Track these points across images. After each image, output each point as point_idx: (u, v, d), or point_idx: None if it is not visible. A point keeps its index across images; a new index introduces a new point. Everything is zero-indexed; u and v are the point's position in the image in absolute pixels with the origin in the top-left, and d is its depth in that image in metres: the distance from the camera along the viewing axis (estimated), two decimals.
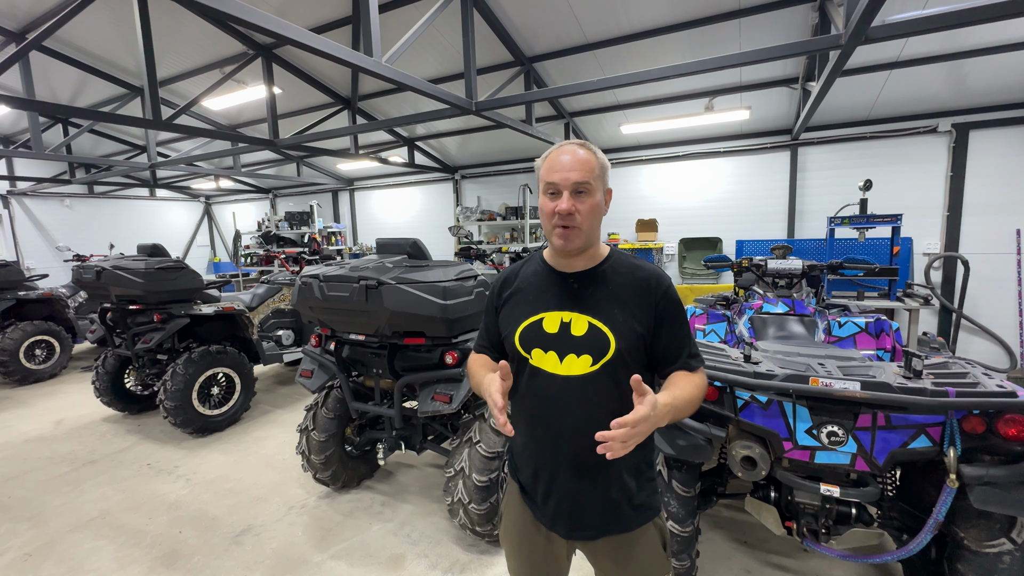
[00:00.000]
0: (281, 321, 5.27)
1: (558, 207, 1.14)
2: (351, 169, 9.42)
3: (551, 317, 1.20)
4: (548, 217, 1.17)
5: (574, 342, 1.17)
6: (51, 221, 9.59)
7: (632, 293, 1.19)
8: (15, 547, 2.76)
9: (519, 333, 1.23)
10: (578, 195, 1.15)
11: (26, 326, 5.77)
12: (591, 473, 1.20)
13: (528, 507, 1.31)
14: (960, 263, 5.19)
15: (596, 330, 1.16)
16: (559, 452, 1.21)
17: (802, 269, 2.90)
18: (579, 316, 1.18)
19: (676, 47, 4.63)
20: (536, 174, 1.23)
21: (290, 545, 2.71)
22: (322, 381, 3.01)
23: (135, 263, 3.97)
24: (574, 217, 1.14)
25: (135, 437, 4.22)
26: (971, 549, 1.63)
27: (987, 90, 4.81)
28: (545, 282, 1.26)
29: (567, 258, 1.23)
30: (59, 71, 5.90)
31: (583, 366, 1.16)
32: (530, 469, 1.27)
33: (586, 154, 1.16)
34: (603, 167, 1.19)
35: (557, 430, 1.20)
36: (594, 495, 1.21)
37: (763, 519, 1.99)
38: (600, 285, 1.21)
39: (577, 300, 1.20)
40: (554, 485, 1.23)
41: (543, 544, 1.30)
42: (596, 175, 1.16)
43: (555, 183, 1.14)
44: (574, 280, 1.23)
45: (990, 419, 1.50)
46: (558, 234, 1.16)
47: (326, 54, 2.81)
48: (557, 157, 1.16)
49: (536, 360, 1.21)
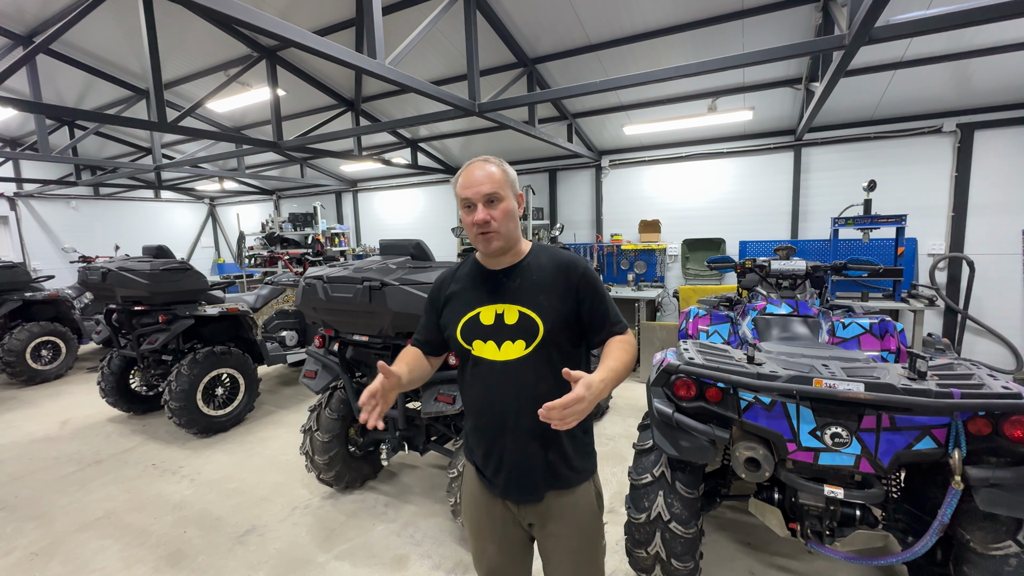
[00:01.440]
0: (285, 322, 5.29)
1: (475, 218, 1.30)
2: (354, 170, 9.45)
3: (486, 311, 1.36)
4: (469, 227, 1.33)
5: (508, 330, 1.33)
6: (57, 223, 9.66)
7: (553, 279, 1.35)
8: (21, 546, 2.78)
9: (460, 328, 1.38)
10: (491, 204, 1.30)
11: (32, 327, 5.81)
12: (533, 441, 1.35)
13: (482, 483, 1.45)
14: (965, 264, 5.16)
15: (526, 317, 1.32)
16: (505, 428, 1.36)
17: (806, 270, 2.88)
18: (510, 307, 1.34)
19: (679, 48, 4.63)
20: (453, 191, 1.39)
21: (294, 545, 2.72)
22: (326, 382, 3.02)
23: (140, 264, 4.00)
24: (490, 224, 1.30)
25: (140, 437, 4.25)
26: (977, 551, 1.62)
27: (992, 90, 4.79)
28: (478, 280, 1.42)
29: (494, 257, 1.39)
30: (65, 74, 5.94)
31: (518, 350, 1.33)
32: (482, 449, 1.42)
33: (494, 167, 1.32)
34: (511, 177, 1.36)
35: (502, 409, 1.36)
36: (537, 460, 1.36)
37: (767, 521, 1.98)
38: (525, 277, 1.37)
39: (507, 293, 1.36)
40: (503, 458, 1.37)
41: (500, 513, 1.44)
42: (504, 183, 1.32)
43: (469, 198, 1.30)
44: (502, 275, 1.39)
45: (996, 421, 1.49)
46: (480, 240, 1.33)
47: (330, 56, 2.82)
48: (469, 175, 1.32)
49: (478, 350, 1.36)
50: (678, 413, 1.82)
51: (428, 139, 7.73)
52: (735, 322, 2.86)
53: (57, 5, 4.72)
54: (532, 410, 1.26)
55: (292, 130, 6.30)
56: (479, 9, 4.14)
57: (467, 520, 1.54)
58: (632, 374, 5.85)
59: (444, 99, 3.73)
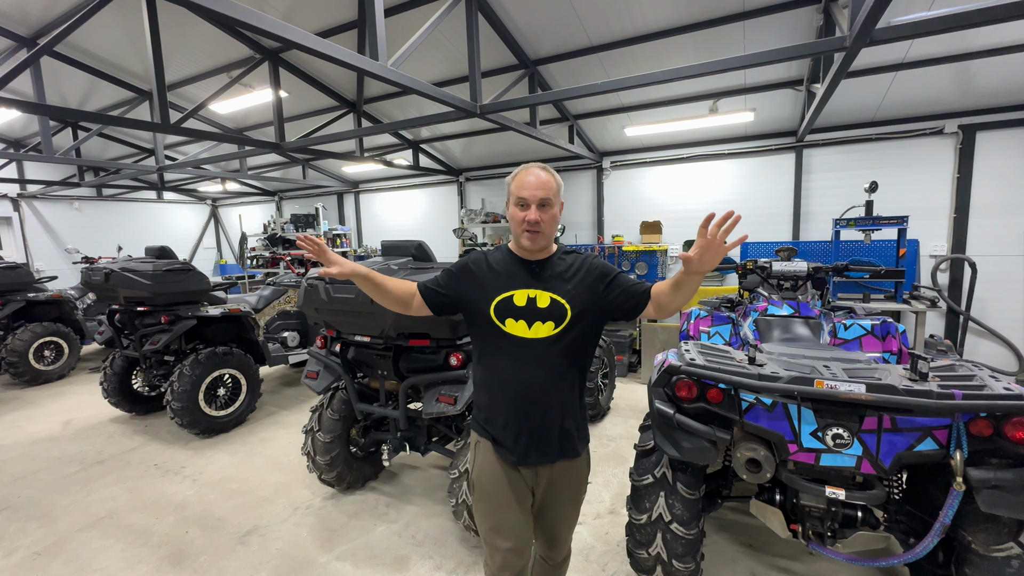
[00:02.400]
0: (287, 323, 5.30)
1: (528, 216, 1.49)
2: (356, 172, 9.47)
3: (520, 294, 1.53)
4: (518, 223, 1.52)
5: (540, 312, 1.51)
6: (60, 224, 9.69)
7: (576, 272, 1.56)
8: (24, 546, 2.79)
9: (494, 306, 1.53)
10: (542, 208, 1.50)
11: (35, 327, 5.83)
12: (554, 411, 1.53)
13: (499, 454, 1.57)
14: (967, 265, 5.15)
15: (556, 303, 1.51)
16: (530, 398, 1.51)
17: (807, 271, 2.88)
18: (543, 293, 1.52)
19: (680, 49, 4.63)
20: (507, 188, 1.56)
21: (295, 546, 2.72)
22: (327, 382, 3.02)
23: (143, 265, 4.01)
24: (539, 224, 1.50)
25: (142, 438, 4.26)
26: (979, 553, 1.62)
27: (994, 91, 4.78)
28: (513, 266, 1.59)
29: (532, 253, 1.58)
30: (69, 76, 5.97)
31: (548, 330, 1.50)
32: (502, 418, 1.55)
33: (548, 176, 1.52)
34: (560, 186, 1.55)
35: (527, 382, 1.51)
36: (555, 426, 1.54)
37: (768, 522, 1.98)
38: (556, 269, 1.57)
39: (539, 280, 1.54)
40: (525, 425, 1.52)
41: (517, 480, 1.57)
42: (555, 192, 1.52)
43: (525, 198, 1.49)
44: (535, 265, 1.57)
45: (997, 422, 1.49)
46: (527, 236, 1.52)
47: (332, 58, 2.83)
48: (526, 177, 1.50)
49: (509, 328, 1.52)
50: (679, 414, 1.82)
51: (430, 140, 7.74)
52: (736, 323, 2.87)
53: (61, 7, 4.74)
54: (556, 384, 1.52)
55: (294, 131, 6.32)
56: (481, 11, 4.15)
57: (485, 496, 1.60)
58: (633, 375, 5.85)
59: (446, 100, 3.74)
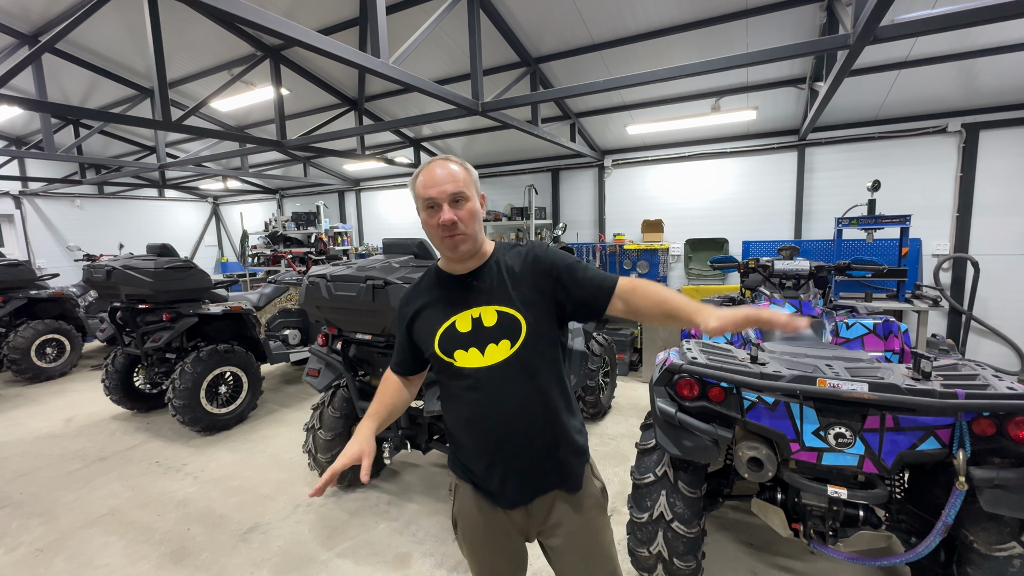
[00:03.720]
0: (288, 320, 5.30)
1: (441, 219, 1.22)
2: (357, 170, 9.46)
3: (461, 318, 1.28)
4: (434, 230, 1.25)
5: (490, 332, 1.26)
6: (62, 221, 9.70)
7: (523, 271, 1.30)
8: (27, 543, 2.80)
9: (437, 341, 1.30)
10: (456, 204, 1.23)
11: (37, 325, 5.84)
12: (539, 440, 1.29)
13: (485, 499, 1.35)
14: (970, 264, 5.14)
15: (506, 315, 1.26)
16: (509, 434, 1.27)
17: (809, 270, 2.88)
18: (486, 308, 1.27)
19: (682, 47, 4.62)
20: (412, 192, 1.30)
21: (297, 543, 2.73)
22: (328, 380, 3.03)
23: (144, 263, 4.01)
24: (457, 225, 1.23)
25: (144, 435, 4.27)
26: (981, 552, 1.62)
27: (998, 90, 4.76)
28: (446, 288, 1.34)
29: (462, 262, 1.32)
30: (71, 73, 5.96)
31: (504, 351, 1.25)
32: (483, 462, 1.32)
33: (457, 167, 1.25)
34: (473, 176, 1.30)
35: (501, 416, 1.26)
36: (546, 458, 1.30)
37: (770, 521, 1.98)
38: (495, 275, 1.30)
39: (480, 295, 1.29)
40: (512, 464, 1.30)
41: (503, 526, 1.36)
42: (468, 182, 1.26)
43: (433, 197, 1.22)
44: (470, 278, 1.31)
45: (1000, 421, 1.49)
46: (447, 244, 1.26)
47: (334, 55, 2.83)
48: (431, 173, 1.24)
49: (460, 361, 1.27)
50: (681, 413, 1.82)
51: (431, 138, 7.73)
52: None
53: (62, 4, 4.74)
54: (533, 410, 1.26)
55: (296, 129, 6.31)
56: (482, 8, 4.14)
57: (468, 542, 1.43)
58: (634, 373, 5.84)
59: (447, 98, 3.73)
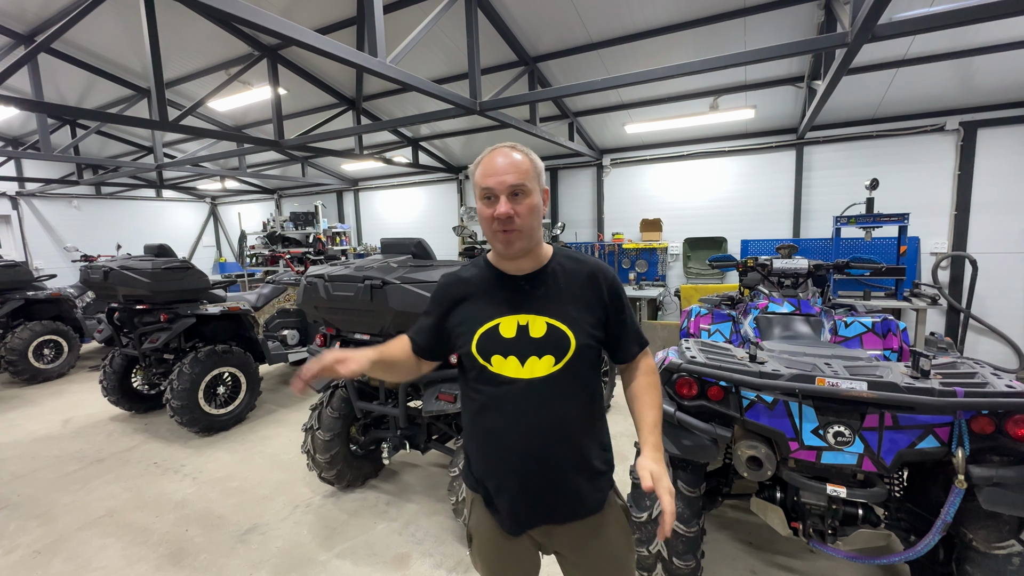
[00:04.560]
0: (286, 321, 5.29)
1: (496, 211, 1.12)
2: (356, 169, 9.45)
3: (507, 322, 1.19)
4: (488, 222, 1.15)
5: (535, 344, 1.17)
6: (59, 222, 9.68)
7: (582, 288, 1.21)
8: (24, 544, 2.79)
9: (476, 341, 1.20)
10: (515, 197, 1.13)
11: (35, 326, 5.82)
12: (560, 465, 1.20)
13: (495, 518, 1.27)
14: (968, 262, 5.15)
15: (555, 330, 1.17)
16: (528, 454, 1.19)
17: (808, 269, 2.87)
18: (536, 318, 1.18)
19: (681, 46, 4.62)
20: (471, 180, 1.22)
21: (295, 544, 2.72)
22: (327, 380, 3.02)
23: (142, 263, 4.00)
24: (513, 220, 1.13)
25: (142, 436, 4.25)
26: (980, 551, 1.62)
27: (995, 88, 4.77)
28: (495, 286, 1.24)
29: (513, 261, 1.22)
30: (67, 73, 5.94)
31: (546, 366, 1.16)
32: (498, 478, 1.24)
33: (520, 156, 1.15)
34: (538, 168, 1.19)
35: (526, 433, 1.18)
36: (563, 487, 1.21)
37: (769, 520, 1.97)
38: (551, 284, 1.21)
39: (531, 302, 1.20)
40: (527, 487, 1.20)
41: (521, 550, 1.30)
42: (532, 176, 1.15)
43: (491, 187, 1.13)
44: (524, 282, 1.22)
45: (999, 419, 1.49)
46: (500, 239, 1.16)
47: (331, 55, 2.82)
48: (492, 161, 1.15)
49: (496, 367, 1.18)
50: (680, 412, 1.82)
51: (429, 138, 7.73)
52: (737, 321, 2.86)
53: (58, 4, 4.72)
54: (560, 433, 1.18)
55: (293, 129, 6.30)
56: (480, 7, 4.13)
57: (482, 558, 1.35)
58: None
59: (445, 98, 3.72)
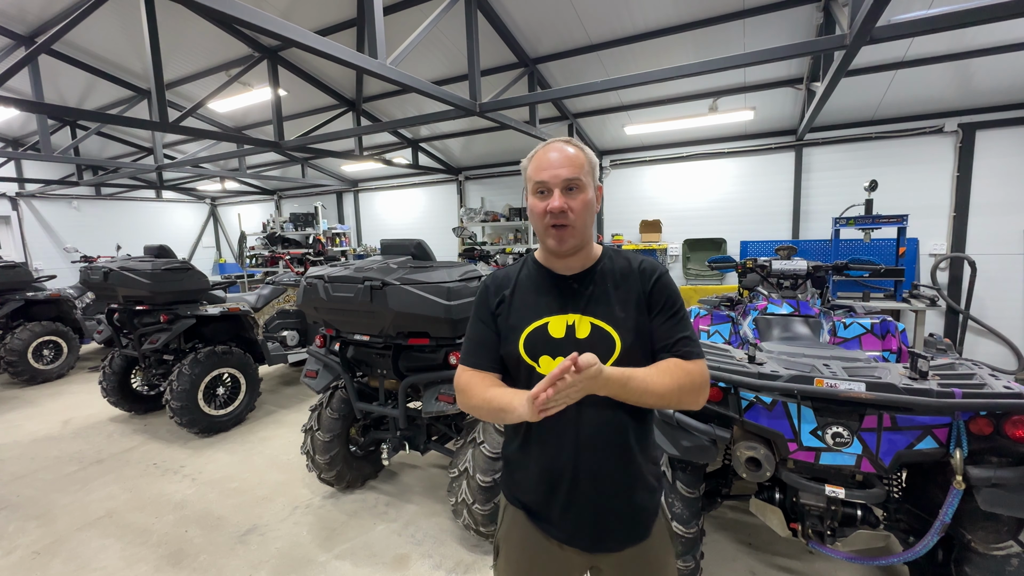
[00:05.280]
0: (286, 322, 5.29)
1: (550, 205, 1.10)
2: (355, 170, 9.46)
3: (556, 321, 1.15)
4: (540, 217, 1.13)
5: (580, 345, 1.12)
6: (59, 223, 9.67)
7: (630, 287, 1.17)
8: (23, 545, 2.78)
9: (523, 340, 1.16)
10: (569, 192, 1.11)
11: (34, 327, 5.81)
12: (612, 478, 1.15)
13: (538, 527, 1.22)
14: (967, 264, 5.15)
15: (600, 331, 1.13)
16: (578, 462, 1.14)
17: (807, 270, 2.88)
18: (582, 318, 1.14)
19: (680, 48, 4.63)
20: (523, 175, 1.19)
21: (295, 544, 2.72)
22: (327, 381, 3.02)
23: (142, 264, 4.00)
24: (567, 215, 1.10)
25: (141, 437, 4.25)
26: (978, 551, 1.62)
27: (994, 90, 4.78)
28: (544, 285, 1.21)
29: (563, 259, 1.19)
30: (67, 74, 5.95)
31: None
32: (543, 487, 1.18)
33: (575, 151, 1.13)
34: (592, 163, 1.16)
35: (574, 439, 1.14)
36: (618, 502, 1.16)
37: (768, 520, 1.98)
38: (599, 284, 1.18)
39: (579, 301, 1.16)
40: (575, 497, 1.15)
41: (560, 563, 1.23)
42: (586, 171, 1.13)
43: (545, 181, 1.11)
44: (574, 281, 1.19)
45: (997, 420, 1.49)
46: (552, 235, 1.13)
47: (331, 56, 2.83)
48: (545, 155, 1.12)
49: (545, 368, 1.13)
50: (679, 412, 1.82)
51: (429, 139, 7.73)
52: (736, 322, 2.86)
53: (59, 5, 4.73)
54: (608, 440, 1.14)
55: (293, 130, 6.31)
56: (480, 9, 4.14)
57: (512, 574, 1.29)
58: None
59: (445, 99, 3.73)
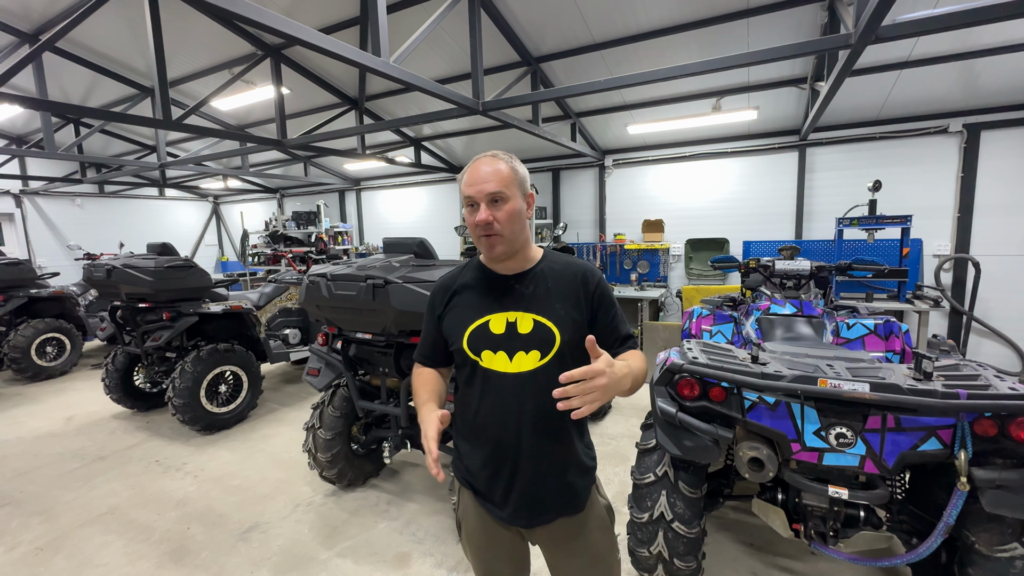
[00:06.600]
0: (288, 320, 5.30)
1: (476, 219, 1.21)
2: (358, 169, 9.46)
3: (496, 319, 1.27)
4: (472, 228, 1.24)
5: (522, 340, 1.24)
6: (62, 220, 9.70)
7: (568, 287, 1.28)
8: (26, 541, 2.80)
9: (467, 337, 1.28)
10: (495, 204, 1.21)
11: (37, 324, 5.84)
12: (550, 459, 1.28)
13: (485, 508, 1.33)
14: (971, 265, 5.13)
15: (541, 326, 1.24)
16: (519, 446, 1.26)
17: (810, 270, 2.87)
18: (524, 315, 1.26)
19: (684, 47, 4.61)
20: (459, 188, 1.29)
21: (296, 542, 2.72)
22: (329, 379, 3.03)
23: (145, 262, 4.01)
24: (493, 226, 1.21)
25: (144, 434, 4.27)
26: (982, 553, 1.61)
27: (999, 90, 4.76)
28: (486, 286, 1.32)
29: (501, 262, 1.30)
30: (71, 72, 5.97)
31: (532, 361, 1.24)
32: (488, 470, 1.30)
33: (501, 164, 1.23)
34: (519, 175, 1.25)
35: (515, 426, 1.25)
36: (553, 479, 1.28)
37: (770, 521, 1.97)
38: (539, 284, 1.29)
39: (520, 300, 1.27)
40: (515, 480, 1.27)
41: (509, 541, 1.37)
42: (511, 182, 1.22)
43: (472, 196, 1.21)
44: (514, 281, 1.30)
45: (1002, 422, 1.48)
46: (483, 243, 1.25)
47: (334, 54, 2.83)
48: (474, 171, 1.22)
49: (487, 362, 1.26)
50: (682, 412, 1.82)
51: (431, 138, 7.73)
52: (739, 322, 2.86)
53: (63, 3, 4.74)
54: (547, 426, 1.24)
55: (296, 128, 6.31)
56: (483, 7, 4.14)
57: (471, 546, 1.42)
58: None
59: (448, 98, 3.73)
